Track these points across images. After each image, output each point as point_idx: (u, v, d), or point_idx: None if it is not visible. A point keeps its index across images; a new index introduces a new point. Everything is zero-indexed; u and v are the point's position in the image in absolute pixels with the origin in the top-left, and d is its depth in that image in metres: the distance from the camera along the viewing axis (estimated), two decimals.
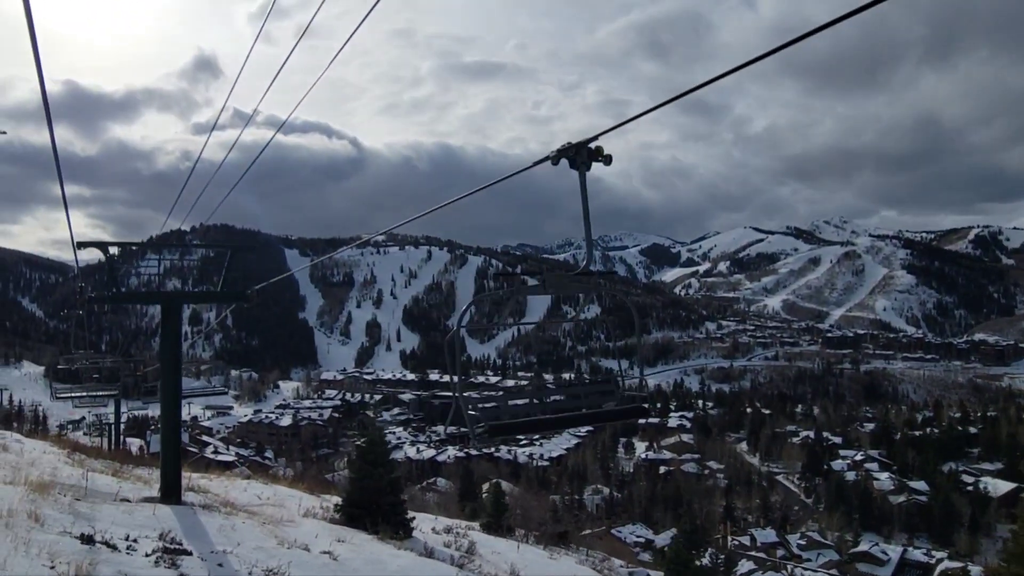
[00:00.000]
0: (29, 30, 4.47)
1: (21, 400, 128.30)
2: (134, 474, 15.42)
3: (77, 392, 36.88)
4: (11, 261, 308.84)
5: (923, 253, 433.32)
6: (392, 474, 14.62)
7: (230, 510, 11.50)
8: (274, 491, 16.53)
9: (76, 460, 15.66)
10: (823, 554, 51.71)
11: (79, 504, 8.62)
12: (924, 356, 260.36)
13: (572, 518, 45.63)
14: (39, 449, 16.76)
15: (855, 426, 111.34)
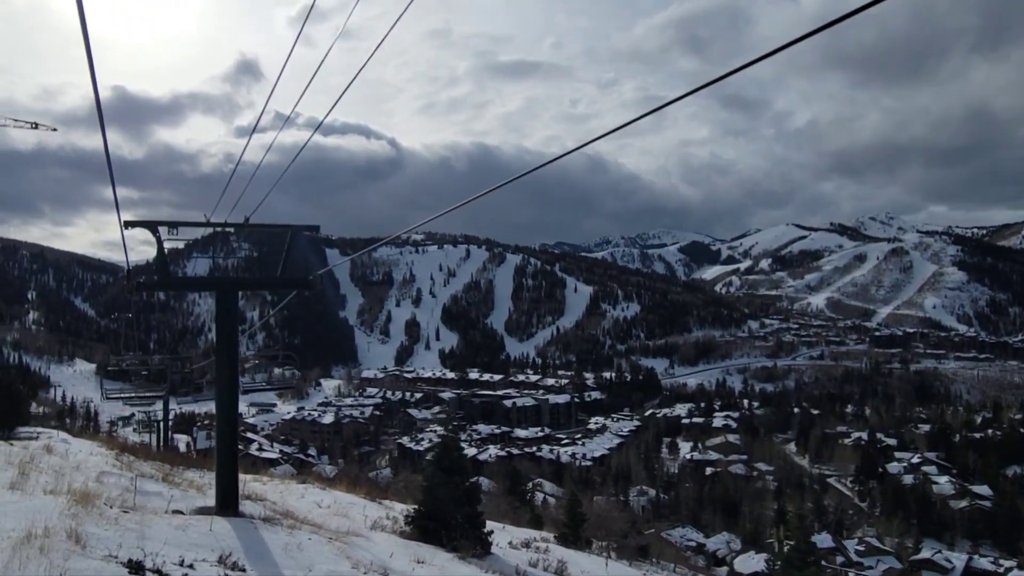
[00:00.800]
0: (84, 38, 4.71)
1: (73, 397, 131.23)
2: (185, 478, 14.61)
3: (127, 392, 38.07)
4: (64, 262, 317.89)
5: (975, 249, 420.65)
6: (468, 482, 13.46)
7: (293, 523, 10.53)
8: (333, 498, 15.70)
9: (124, 463, 14.98)
10: (883, 561, 49.55)
11: (127, 518, 7.75)
12: (978, 356, 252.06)
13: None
14: (86, 450, 16.07)
15: (909, 427, 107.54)
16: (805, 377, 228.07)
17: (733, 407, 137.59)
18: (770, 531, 58.90)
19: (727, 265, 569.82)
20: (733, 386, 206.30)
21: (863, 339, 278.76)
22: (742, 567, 42.20)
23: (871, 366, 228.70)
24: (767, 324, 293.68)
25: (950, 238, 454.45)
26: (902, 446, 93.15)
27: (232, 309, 12.46)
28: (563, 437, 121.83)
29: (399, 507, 14.47)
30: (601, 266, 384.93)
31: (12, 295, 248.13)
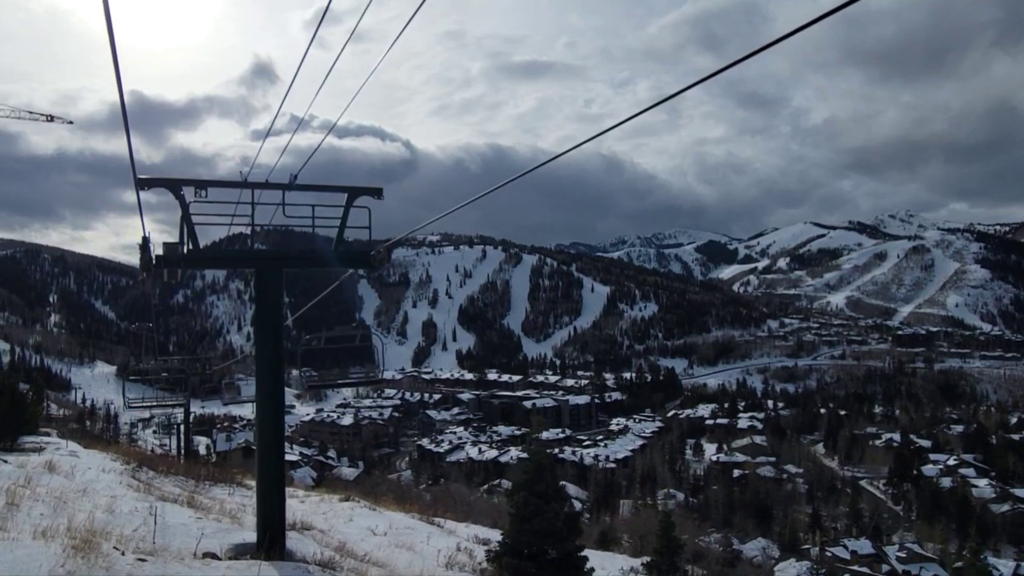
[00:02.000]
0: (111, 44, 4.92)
1: (94, 399, 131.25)
2: (214, 498, 12.94)
3: (148, 400, 39.58)
4: (85, 265, 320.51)
5: (998, 246, 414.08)
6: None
7: (355, 566, 8.92)
8: (387, 522, 13.98)
9: (142, 480, 13.15)
10: (927, 568, 47.51)
11: (145, 569, 6.13)
12: (1004, 355, 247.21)
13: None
14: (96, 465, 13.77)
15: (941, 428, 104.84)
16: (827, 377, 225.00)
17: (757, 408, 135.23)
18: (805, 536, 57.04)
19: (744, 264, 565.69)
20: (754, 386, 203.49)
21: (885, 338, 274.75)
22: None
23: (894, 366, 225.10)
24: (787, 324, 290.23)
25: (972, 235, 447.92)
26: (936, 448, 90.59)
27: (275, 292, 10.21)
28: (584, 438, 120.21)
29: (463, 530, 12.91)
30: (617, 266, 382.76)
31: (34, 298, 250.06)
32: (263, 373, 9.81)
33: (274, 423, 9.91)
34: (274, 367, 9.88)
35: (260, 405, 9.89)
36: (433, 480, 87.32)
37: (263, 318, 10.19)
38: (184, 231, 9.40)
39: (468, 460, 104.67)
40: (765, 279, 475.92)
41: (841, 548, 49.25)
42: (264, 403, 9.80)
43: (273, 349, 9.91)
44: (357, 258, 10.93)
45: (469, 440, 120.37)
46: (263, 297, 10.19)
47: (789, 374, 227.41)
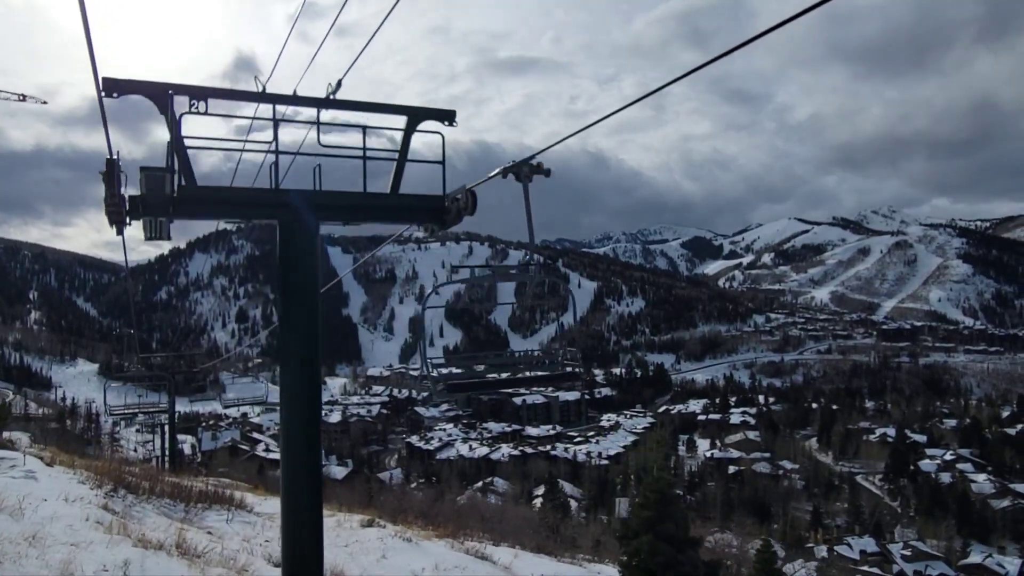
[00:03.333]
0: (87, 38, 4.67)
1: (75, 398, 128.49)
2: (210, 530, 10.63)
3: (130, 407, 39.40)
4: (66, 262, 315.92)
5: (979, 242, 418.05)
6: (687, 523, 9.71)
7: None
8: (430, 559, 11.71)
9: (117, 513, 10.08)
10: (932, 566, 46.85)
11: None
12: (987, 348, 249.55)
13: None
14: (58, 492, 10.16)
15: (934, 422, 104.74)
16: (813, 371, 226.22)
17: (748, 403, 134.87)
18: (807, 534, 56.30)
19: (729, 260, 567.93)
20: (741, 381, 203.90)
21: (870, 333, 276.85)
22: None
23: (879, 360, 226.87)
24: (772, 319, 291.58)
25: (954, 231, 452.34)
26: (931, 442, 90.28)
27: (307, 255, 7.23)
28: (575, 435, 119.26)
29: (521, 567, 11.26)
30: (604, 262, 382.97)
31: (14, 295, 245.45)
32: (290, 370, 7.01)
33: (307, 439, 6.97)
34: (307, 361, 7.03)
35: (288, 413, 7.02)
36: (425, 478, 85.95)
37: (291, 293, 7.15)
38: (173, 160, 6.56)
39: (459, 458, 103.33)
40: (750, 275, 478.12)
41: (846, 547, 48.47)
42: (293, 411, 6.97)
43: (306, 335, 7.01)
44: (426, 209, 7.73)
45: (459, 437, 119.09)
46: (291, 263, 7.14)
47: (776, 369, 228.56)
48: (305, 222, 7.11)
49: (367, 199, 7.53)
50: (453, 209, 7.58)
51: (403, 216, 7.94)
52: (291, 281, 7.24)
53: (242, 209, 7.17)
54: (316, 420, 7.22)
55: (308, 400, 7.12)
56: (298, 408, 7.07)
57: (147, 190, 6.57)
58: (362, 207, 7.62)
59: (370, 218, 7.82)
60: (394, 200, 7.70)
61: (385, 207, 7.70)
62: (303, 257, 7.24)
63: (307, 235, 7.17)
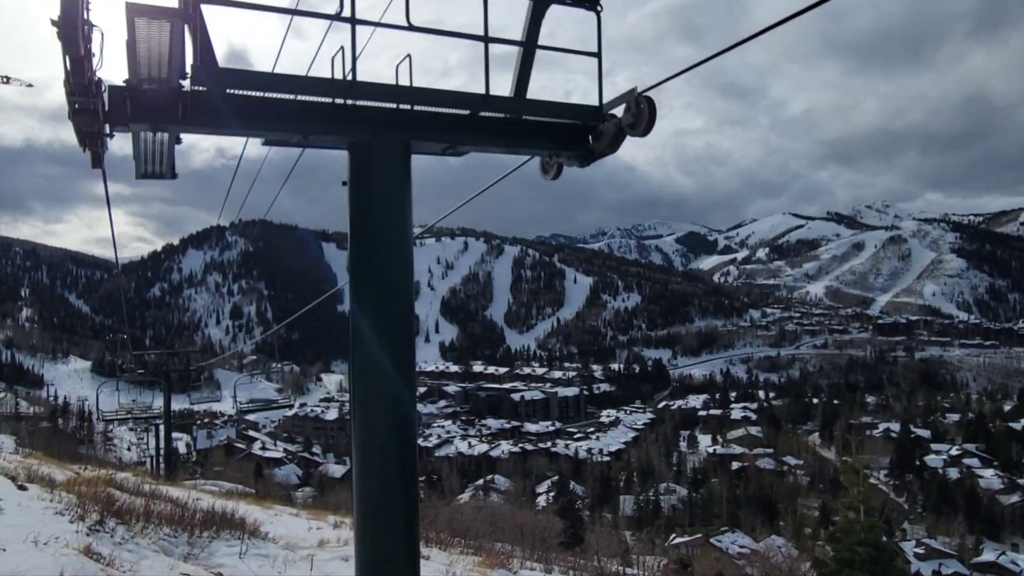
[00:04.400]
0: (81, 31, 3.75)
1: (67, 396, 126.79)
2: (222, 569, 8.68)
3: (124, 407, 38.38)
4: (58, 259, 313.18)
5: (973, 236, 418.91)
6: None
7: None
8: None
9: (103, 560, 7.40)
10: (945, 564, 46.00)
11: None
12: (983, 342, 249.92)
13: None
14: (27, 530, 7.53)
15: (937, 417, 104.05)
16: (810, 366, 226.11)
17: (749, 398, 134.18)
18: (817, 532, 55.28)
19: (724, 255, 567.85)
20: (738, 376, 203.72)
21: (866, 327, 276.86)
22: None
23: (876, 354, 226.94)
24: (768, 313, 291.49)
25: (948, 225, 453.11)
26: (936, 437, 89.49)
27: (398, 187, 4.91)
28: (575, 431, 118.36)
29: None
30: (600, 257, 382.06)
31: (5, 292, 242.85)
32: (369, 359, 4.71)
33: (399, 457, 4.74)
34: (396, 346, 4.74)
35: (368, 420, 4.76)
36: (425, 476, 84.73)
37: (369, 254, 4.81)
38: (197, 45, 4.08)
39: (458, 455, 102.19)
40: (745, 269, 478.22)
41: None
42: (376, 416, 4.74)
43: (392, 312, 4.82)
44: (567, 130, 5.33)
45: (458, 434, 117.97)
46: (370, 200, 4.81)
47: (772, 363, 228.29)
48: (388, 145, 4.78)
49: (488, 104, 4.92)
50: (610, 130, 5.10)
51: (535, 137, 5.26)
52: (368, 238, 4.79)
53: (295, 118, 4.59)
54: (411, 429, 4.85)
55: (398, 401, 4.69)
56: (383, 412, 4.70)
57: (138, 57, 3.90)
58: (478, 122, 5.03)
59: (487, 140, 5.21)
60: (523, 106, 5.08)
61: (510, 123, 5.16)
62: (392, 182, 4.79)
63: (393, 161, 4.81)
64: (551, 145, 5.40)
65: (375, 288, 4.81)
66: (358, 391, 4.84)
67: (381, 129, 4.77)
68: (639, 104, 4.88)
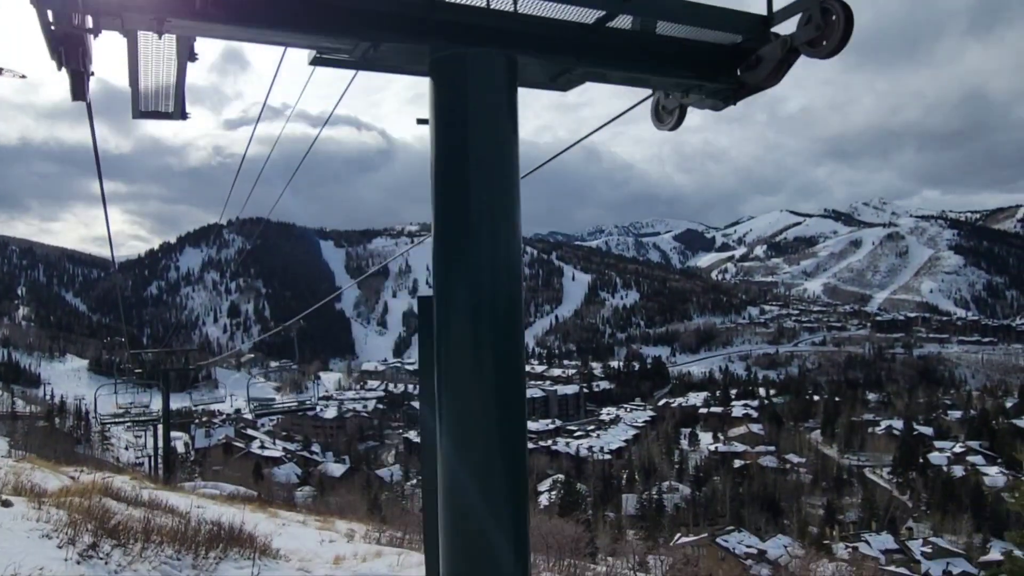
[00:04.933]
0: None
1: (63, 395, 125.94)
2: None
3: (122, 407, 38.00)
4: (54, 257, 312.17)
5: (970, 233, 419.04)
6: None
7: None
8: None
9: None
10: (953, 564, 45.55)
11: None
12: (981, 339, 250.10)
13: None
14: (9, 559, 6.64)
15: (939, 414, 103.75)
16: (808, 363, 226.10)
17: (749, 395, 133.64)
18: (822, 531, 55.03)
19: (722, 252, 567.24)
20: (736, 373, 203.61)
21: (864, 324, 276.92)
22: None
23: (874, 351, 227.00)
24: (767, 310, 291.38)
25: (945, 222, 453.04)
26: (939, 435, 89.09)
27: (500, 117, 3.59)
28: (575, 429, 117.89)
29: None
30: (597, 255, 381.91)
31: (2, 291, 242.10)
32: (464, 352, 3.52)
33: (511, 480, 3.51)
34: (507, 333, 3.52)
35: (457, 437, 3.49)
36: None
37: (463, 203, 3.53)
38: None
39: None
40: (742, 267, 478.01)
41: (864, 544, 47.11)
42: (475, 433, 3.49)
43: (505, 277, 3.53)
44: (715, 51, 4.12)
45: None
46: (461, 141, 3.54)
47: (771, 361, 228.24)
48: (495, 62, 3.54)
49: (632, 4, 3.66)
50: (775, 52, 3.83)
51: (670, 63, 3.97)
52: (458, 195, 3.50)
53: (360, 20, 3.33)
54: (522, 448, 3.56)
55: (507, 416, 3.47)
56: (485, 430, 3.43)
57: None
58: (605, 36, 3.80)
59: (609, 63, 3.91)
60: (673, 9, 3.84)
61: (641, 41, 3.88)
62: (488, 141, 3.51)
63: (498, 91, 3.55)
64: (690, 74, 4.10)
65: (471, 262, 3.42)
66: (449, 403, 3.45)
67: (477, 39, 3.47)
68: (827, 11, 3.51)
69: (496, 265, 3.46)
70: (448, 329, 3.47)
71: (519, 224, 3.62)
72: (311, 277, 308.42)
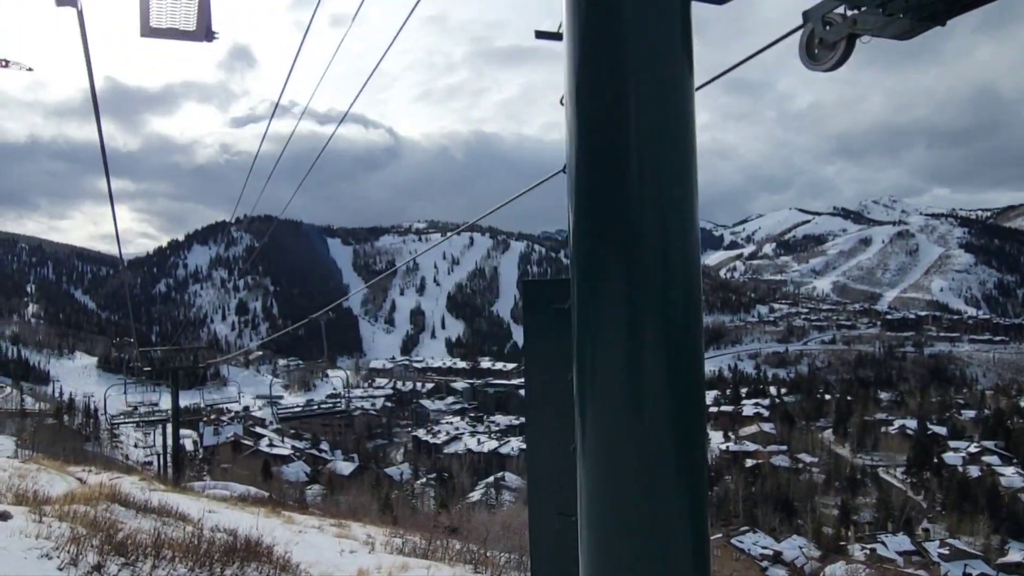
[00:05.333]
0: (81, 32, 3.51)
1: (72, 392, 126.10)
2: None
3: (132, 418, 39.15)
4: (64, 255, 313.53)
5: (981, 231, 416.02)
6: None
7: None
8: None
9: None
10: (971, 566, 44.85)
11: None
12: (992, 338, 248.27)
13: None
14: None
15: (952, 413, 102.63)
16: (818, 362, 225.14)
17: (760, 394, 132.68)
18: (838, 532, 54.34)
19: (730, 251, 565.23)
20: (746, 371, 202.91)
21: (874, 322, 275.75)
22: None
23: (884, 350, 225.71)
24: (776, 309, 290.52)
25: (956, 220, 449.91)
26: (955, 434, 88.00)
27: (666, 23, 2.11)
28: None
29: None
30: None
31: (11, 288, 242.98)
32: (620, 349, 1.99)
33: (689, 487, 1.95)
34: (684, 328, 1.98)
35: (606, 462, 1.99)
36: (436, 474, 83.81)
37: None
38: None
39: (467, 452, 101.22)
40: (751, 265, 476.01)
41: (880, 545, 46.43)
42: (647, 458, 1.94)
43: (679, 250, 2.03)
44: None
45: (467, 430, 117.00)
46: (620, 54, 2.07)
47: (780, 359, 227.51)
48: None
49: None
50: None
51: None
52: (609, 124, 2.08)
53: None
54: (702, 459, 2.07)
55: (686, 433, 2.01)
56: (664, 451, 1.97)
57: None
58: None
59: None
60: None
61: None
62: (651, 59, 2.09)
63: None
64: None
65: (629, 232, 2.04)
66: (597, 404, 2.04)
67: None
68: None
69: (668, 238, 2.06)
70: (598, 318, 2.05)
71: (695, 181, 2.19)
72: (319, 275, 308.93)
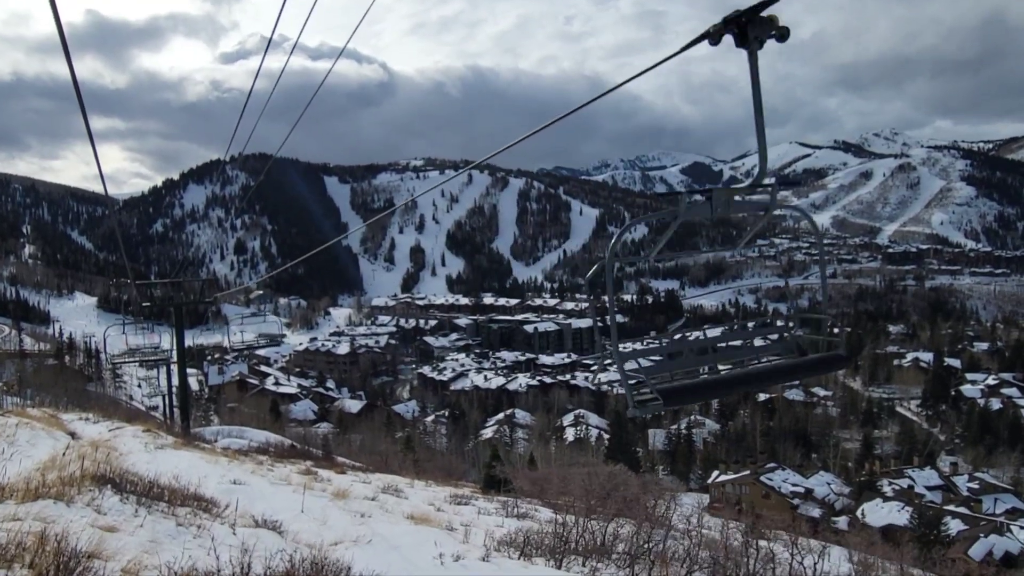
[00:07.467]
0: None
1: (72, 332, 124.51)
2: None
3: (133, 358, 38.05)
4: (58, 195, 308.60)
5: (983, 164, 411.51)
6: None
7: None
8: None
9: None
10: (1001, 499, 44.05)
11: None
12: (993, 271, 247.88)
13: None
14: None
15: (965, 346, 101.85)
16: (819, 296, 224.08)
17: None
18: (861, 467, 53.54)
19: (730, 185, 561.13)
20: (747, 305, 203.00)
21: (875, 256, 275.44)
22: (875, 519, 36.33)
23: (885, 283, 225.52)
24: (776, 243, 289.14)
25: (958, 153, 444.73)
26: (971, 367, 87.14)
27: None
28: (591, 363, 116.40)
29: None
30: (605, 189, 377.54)
31: (6, 229, 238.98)
32: None
33: None
34: None
35: None
36: (448, 411, 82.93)
37: None
38: None
39: (474, 388, 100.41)
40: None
41: (908, 480, 45.48)
42: None
43: None
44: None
45: (472, 367, 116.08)
46: None
47: (781, 293, 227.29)
48: None
49: None
50: None
51: None
52: None
53: None
54: None
55: None
56: None
57: None
58: None
59: None
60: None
61: None
62: None
63: None
64: None
65: None
66: None
67: None
68: None
69: None
70: None
71: None
72: (316, 213, 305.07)
